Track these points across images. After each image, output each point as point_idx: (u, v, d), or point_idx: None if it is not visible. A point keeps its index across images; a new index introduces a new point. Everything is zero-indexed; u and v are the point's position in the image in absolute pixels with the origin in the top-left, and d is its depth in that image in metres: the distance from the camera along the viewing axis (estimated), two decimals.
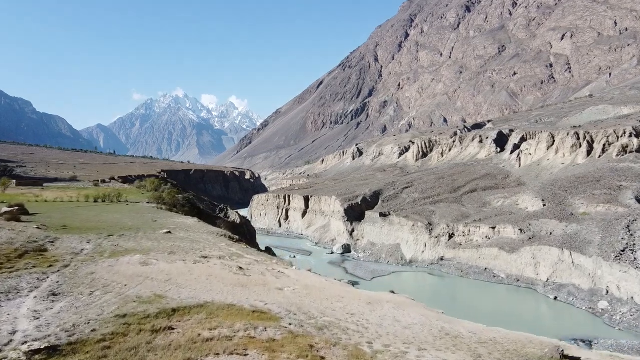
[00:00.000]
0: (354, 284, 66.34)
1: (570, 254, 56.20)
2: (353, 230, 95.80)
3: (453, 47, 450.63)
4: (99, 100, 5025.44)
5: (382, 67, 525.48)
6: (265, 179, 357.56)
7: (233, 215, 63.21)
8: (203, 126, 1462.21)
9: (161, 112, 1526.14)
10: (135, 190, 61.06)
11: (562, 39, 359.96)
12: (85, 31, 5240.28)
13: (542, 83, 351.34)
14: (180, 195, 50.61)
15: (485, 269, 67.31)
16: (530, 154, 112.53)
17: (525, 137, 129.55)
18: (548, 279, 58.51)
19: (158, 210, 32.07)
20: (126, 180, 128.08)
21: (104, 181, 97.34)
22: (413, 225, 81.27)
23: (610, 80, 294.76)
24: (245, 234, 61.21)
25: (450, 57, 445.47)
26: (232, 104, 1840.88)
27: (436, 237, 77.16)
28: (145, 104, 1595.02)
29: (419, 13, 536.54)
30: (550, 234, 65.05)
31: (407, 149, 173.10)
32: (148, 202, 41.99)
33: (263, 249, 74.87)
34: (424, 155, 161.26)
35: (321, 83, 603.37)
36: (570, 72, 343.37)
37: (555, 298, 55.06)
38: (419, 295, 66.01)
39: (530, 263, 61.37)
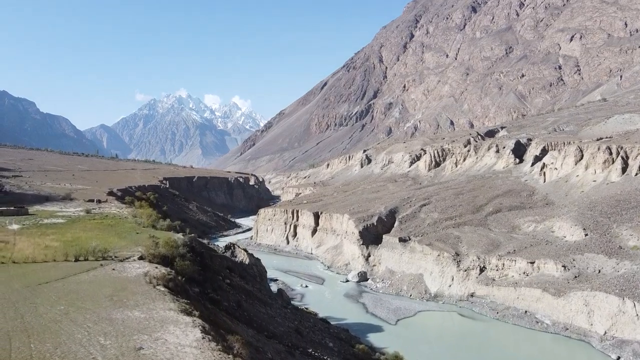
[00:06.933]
0: (377, 329, 59.17)
1: (634, 305, 48.70)
2: (369, 255, 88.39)
3: (459, 49, 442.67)
4: (102, 100, 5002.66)
5: (386, 68, 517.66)
6: (269, 182, 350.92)
7: (241, 255, 55.98)
8: (206, 126, 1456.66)
9: (164, 113, 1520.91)
10: (129, 225, 53.78)
11: (571, 40, 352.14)
12: (88, 31, 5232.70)
13: (550, 85, 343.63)
14: (179, 238, 43.35)
15: (526, 312, 59.76)
16: (556, 169, 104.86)
17: (546, 147, 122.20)
18: (605, 332, 51.00)
19: (149, 289, 24.76)
20: (125, 193, 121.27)
21: (99, 201, 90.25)
22: (438, 255, 73.77)
23: (621, 82, 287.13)
24: (255, 276, 54.16)
25: (456, 59, 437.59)
26: (235, 104, 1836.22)
27: (465, 271, 69.66)
28: (148, 104, 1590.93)
29: (424, 13, 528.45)
30: (599, 271, 57.63)
31: (418, 158, 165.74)
32: (141, 258, 34.69)
33: (275, 289, 67.76)
34: (437, 164, 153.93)
35: (325, 84, 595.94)
36: (579, 74, 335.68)
37: (619, 358, 47.53)
38: (447, 341, 58.98)
39: (581, 310, 53.87)
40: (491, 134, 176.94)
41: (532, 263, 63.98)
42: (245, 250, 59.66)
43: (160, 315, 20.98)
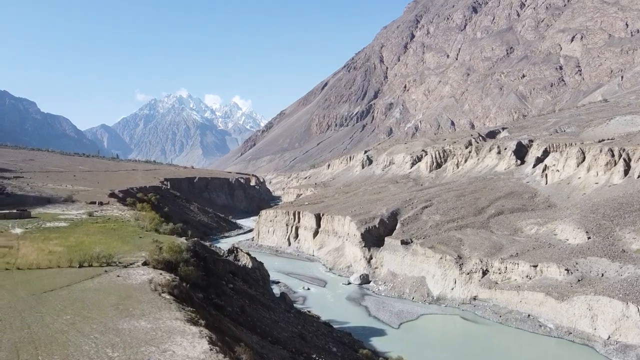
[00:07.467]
0: (379, 332, 59.12)
1: (638, 310, 48.66)
2: (371, 258, 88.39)
3: (460, 49, 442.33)
4: (102, 100, 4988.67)
5: (387, 68, 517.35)
6: (270, 182, 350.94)
7: (244, 259, 55.97)
8: (207, 126, 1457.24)
9: (165, 113, 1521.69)
10: (132, 228, 53.74)
11: (572, 40, 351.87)
12: (88, 31, 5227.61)
13: (551, 86, 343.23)
14: (183, 243, 43.33)
15: (529, 315, 59.72)
16: (558, 171, 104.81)
17: (548, 149, 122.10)
18: (609, 337, 50.94)
19: (154, 297, 24.77)
20: (127, 194, 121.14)
21: (101, 203, 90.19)
22: (441, 258, 73.73)
23: (622, 83, 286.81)
24: (258, 279, 54.15)
25: (457, 59, 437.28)
26: (236, 104, 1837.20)
27: (468, 274, 69.59)
28: (149, 104, 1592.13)
29: (425, 14, 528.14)
30: (602, 275, 57.59)
31: (419, 159, 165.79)
32: (144, 263, 34.70)
33: (277, 292, 67.73)
34: (438, 165, 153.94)
35: (326, 84, 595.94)
36: (580, 74, 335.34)
37: None
38: (450, 345, 58.78)
39: (585, 315, 53.80)
40: (492, 134, 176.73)
41: (535, 266, 63.93)
42: (248, 254, 59.64)
43: (166, 326, 20.94)
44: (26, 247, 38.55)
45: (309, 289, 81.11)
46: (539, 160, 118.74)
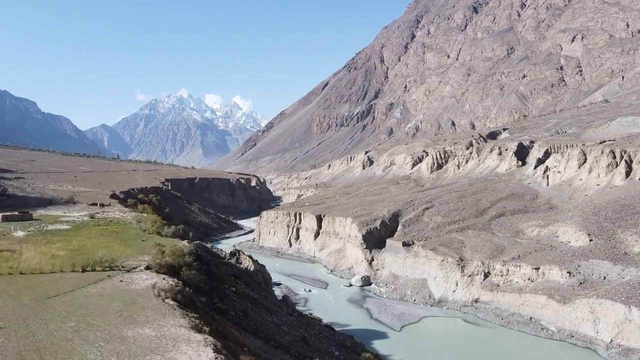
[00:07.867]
0: (381, 335, 59.08)
1: None
2: (372, 259, 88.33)
3: (460, 49, 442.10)
4: (102, 100, 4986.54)
5: (388, 68, 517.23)
6: (270, 182, 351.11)
7: (246, 261, 55.98)
8: (207, 126, 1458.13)
9: (165, 113, 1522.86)
10: (134, 231, 53.72)
11: (573, 40, 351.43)
12: (88, 31, 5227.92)
13: (552, 86, 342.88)
14: (185, 246, 43.33)
15: (531, 318, 59.72)
16: (560, 172, 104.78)
17: (549, 150, 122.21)
18: (612, 340, 50.93)
19: (158, 303, 24.74)
20: (128, 195, 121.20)
21: (102, 205, 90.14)
22: (442, 260, 73.72)
23: (623, 83, 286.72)
24: (260, 283, 54.15)
25: (457, 59, 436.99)
26: (236, 104, 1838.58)
27: (469, 276, 69.57)
28: (149, 104, 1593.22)
29: (425, 14, 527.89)
30: (604, 278, 57.59)
31: (420, 159, 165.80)
32: (147, 268, 34.70)
33: (278, 293, 67.78)
34: (439, 166, 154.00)
35: (326, 84, 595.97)
36: (581, 74, 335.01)
37: None
38: (452, 348, 58.75)
39: (587, 318, 53.78)
40: (493, 135, 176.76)
41: (537, 269, 63.92)
42: (250, 256, 59.66)
43: (171, 333, 20.92)
44: (29, 251, 38.52)
45: (310, 290, 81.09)
46: (540, 162, 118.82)
